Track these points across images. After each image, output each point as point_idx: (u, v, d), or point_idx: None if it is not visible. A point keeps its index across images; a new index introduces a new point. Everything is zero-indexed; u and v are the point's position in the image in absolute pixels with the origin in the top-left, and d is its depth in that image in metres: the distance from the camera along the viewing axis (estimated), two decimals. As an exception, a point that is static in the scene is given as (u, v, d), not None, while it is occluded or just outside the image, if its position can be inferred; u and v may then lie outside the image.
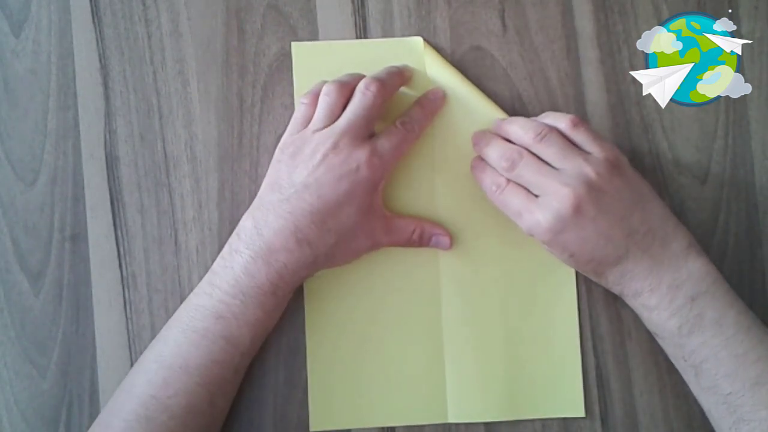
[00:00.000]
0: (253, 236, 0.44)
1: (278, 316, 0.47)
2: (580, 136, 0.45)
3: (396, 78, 0.49)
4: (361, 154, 0.45)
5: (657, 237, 0.44)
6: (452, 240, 0.49)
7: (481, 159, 0.48)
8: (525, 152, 0.45)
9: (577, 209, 0.43)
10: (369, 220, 0.46)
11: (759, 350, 0.42)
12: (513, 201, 0.45)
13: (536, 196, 0.44)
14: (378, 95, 0.46)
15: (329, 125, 0.46)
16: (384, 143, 0.46)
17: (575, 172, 0.44)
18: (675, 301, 0.43)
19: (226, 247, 0.45)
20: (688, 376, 0.45)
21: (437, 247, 0.49)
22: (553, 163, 0.44)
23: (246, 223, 0.45)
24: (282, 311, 0.47)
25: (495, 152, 0.46)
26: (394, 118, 0.48)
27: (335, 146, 0.45)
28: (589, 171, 0.43)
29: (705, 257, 0.45)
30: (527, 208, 0.44)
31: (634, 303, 0.45)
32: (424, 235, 0.48)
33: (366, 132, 0.46)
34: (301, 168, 0.45)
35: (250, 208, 0.46)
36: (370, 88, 0.46)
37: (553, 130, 0.45)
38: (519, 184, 0.45)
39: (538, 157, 0.45)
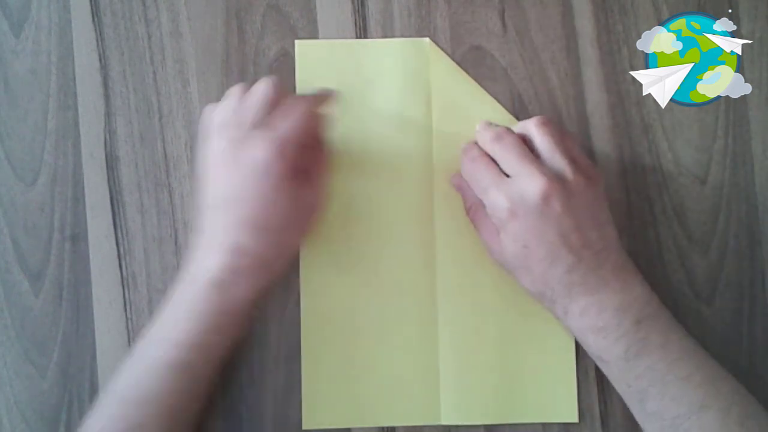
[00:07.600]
0: (197, 260, 0.44)
1: (237, 335, 0.45)
2: (569, 145, 0.45)
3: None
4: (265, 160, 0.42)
5: (610, 259, 0.43)
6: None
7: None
8: (512, 133, 0.45)
9: (546, 199, 0.42)
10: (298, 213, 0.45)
11: (702, 373, 0.42)
12: (483, 174, 0.45)
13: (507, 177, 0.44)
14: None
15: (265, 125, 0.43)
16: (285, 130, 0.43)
17: (556, 167, 0.43)
18: (622, 324, 0.43)
19: (180, 274, 0.44)
20: (632, 402, 0.44)
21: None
22: (542, 152, 0.44)
23: (193, 248, 0.44)
24: (242, 331, 0.46)
25: (481, 127, 0.47)
26: (386, 119, 0.49)
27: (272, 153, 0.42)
28: (568, 172, 0.43)
29: (648, 285, 0.44)
30: (495, 183, 0.44)
31: (580, 324, 0.44)
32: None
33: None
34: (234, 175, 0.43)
35: (200, 215, 0.45)
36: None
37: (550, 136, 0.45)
38: (493, 160, 0.45)
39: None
